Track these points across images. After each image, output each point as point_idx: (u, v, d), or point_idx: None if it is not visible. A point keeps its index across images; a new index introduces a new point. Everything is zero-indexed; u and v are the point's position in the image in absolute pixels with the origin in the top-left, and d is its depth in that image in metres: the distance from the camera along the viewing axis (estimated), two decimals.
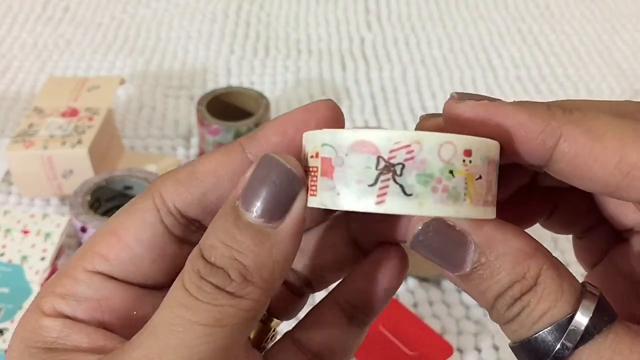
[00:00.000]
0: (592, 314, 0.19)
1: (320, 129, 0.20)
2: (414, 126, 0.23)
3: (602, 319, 0.19)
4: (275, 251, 0.19)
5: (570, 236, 0.28)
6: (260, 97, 0.68)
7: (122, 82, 0.70)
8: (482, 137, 0.20)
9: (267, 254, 0.19)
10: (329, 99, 0.22)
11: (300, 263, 0.24)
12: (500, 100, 0.21)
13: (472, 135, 0.19)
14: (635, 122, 0.20)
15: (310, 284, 0.25)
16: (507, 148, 0.20)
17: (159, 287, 0.22)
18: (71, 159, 0.60)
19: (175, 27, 0.93)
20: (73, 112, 0.64)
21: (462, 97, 0.21)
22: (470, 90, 0.80)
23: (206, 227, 0.20)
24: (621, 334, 0.19)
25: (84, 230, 0.54)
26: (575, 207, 0.26)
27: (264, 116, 0.66)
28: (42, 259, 0.52)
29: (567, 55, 0.88)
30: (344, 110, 0.77)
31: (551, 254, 0.21)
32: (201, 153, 0.68)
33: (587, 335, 0.19)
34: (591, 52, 0.89)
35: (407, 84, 0.82)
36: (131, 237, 0.21)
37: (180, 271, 0.20)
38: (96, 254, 0.21)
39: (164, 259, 0.22)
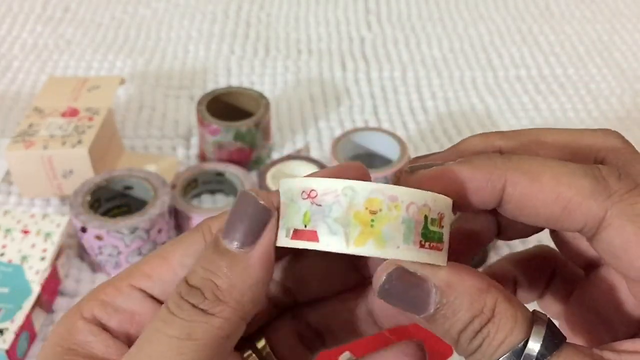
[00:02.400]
0: (543, 338, 0.21)
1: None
2: (414, 126, 0.24)
3: (553, 342, 0.21)
4: (247, 274, 0.22)
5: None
6: (260, 97, 0.68)
7: (122, 82, 0.70)
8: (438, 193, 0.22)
9: (239, 276, 0.22)
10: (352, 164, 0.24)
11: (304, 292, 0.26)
12: (449, 161, 0.23)
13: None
14: (566, 163, 0.23)
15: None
16: (463, 200, 0.23)
17: None
18: (71, 159, 0.60)
19: (176, 27, 0.93)
20: (73, 112, 0.64)
21: (414, 168, 0.23)
22: (470, 91, 0.81)
23: None
24: (571, 354, 0.22)
25: (84, 230, 0.54)
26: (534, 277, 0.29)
27: (264, 116, 0.66)
28: (42, 258, 0.53)
29: (567, 55, 0.88)
30: (345, 110, 0.77)
31: (503, 287, 0.23)
32: (201, 153, 0.68)
33: (541, 357, 0.21)
34: (591, 52, 0.89)
35: (407, 84, 0.82)
36: (176, 261, 0.24)
37: None
38: (142, 272, 0.24)
39: None
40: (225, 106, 0.68)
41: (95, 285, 0.56)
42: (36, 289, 0.51)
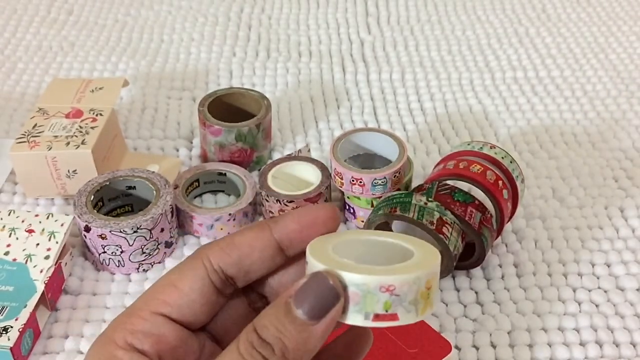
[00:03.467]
0: None
1: (325, 225, 0.30)
2: (412, 127, 0.28)
3: None
4: (310, 342, 0.26)
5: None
6: (261, 99, 0.69)
7: (126, 83, 0.70)
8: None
9: (304, 342, 0.26)
10: (332, 205, 0.30)
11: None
12: None
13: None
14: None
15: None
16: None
17: (201, 327, 0.30)
18: (75, 159, 0.60)
19: (178, 29, 0.93)
20: (77, 113, 0.64)
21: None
22: (468, 92, 0.82)
23: (237, 285, 0.30)
24: None
25: (87, 229, 0.55)
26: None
27: (265, 117, 0.66)
28: (46, 257, 0.53)
29: (564, 57, 0.89)
30: (344, 111, 0.78)
31: None
32: (203, 153, 0.69)
33: None
34: (587, 54, 0.89)
35: (406, 85, 0.83)
36: (187, 288, 0.28)
37: (215, 315, 0.30)
38: (160, 300, 0.28)
39: (208, 305, 0.29)
40: (226, 107, 0.69)
41: (98, 282, 0.57)
42: (40, 287, 0.51)
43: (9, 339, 0.47)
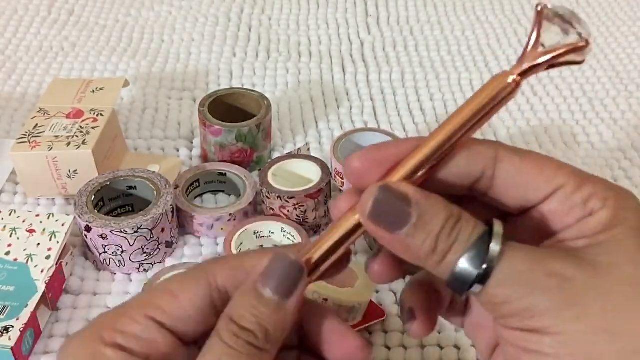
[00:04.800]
0: (502, 225, 0.27)
1: None
2: (412, 127, 0.31)
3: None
4: (286, 319, 0.27)
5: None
6: (261, 99, 0.69)
7: (127, 84, 0.70)
8: None
9: (281, 322, 0.27)
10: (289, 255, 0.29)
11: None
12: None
13: None
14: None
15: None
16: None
17: (191, 342, 0.29)
18: (76, 160, 0.61)
19: (178, 30, 0.94)
20: (78, 114, 0.64)
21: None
22: (468, 92, 0.82)
23: None
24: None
25: (88, 229, 0.55)
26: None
27: (265, 117, 0.67)
28: (47, 257, 0.53)
29: None
30: (344, 111, 0.78)
31: None
32: (204, 154, 0.69)
33: (505, 234, 0.26)
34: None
35: (406, 85, 0.83)
36: (187, 300, 0.28)
37: (207, 334, 0.28)
38: (155, 305, 0.28)
39: (203, 322, 0.29)
40: (227, 107, 0.69)
41: (99, 282, 0.57)
42: (41, 287, 0.51)
43: (10, 339, 0.47)
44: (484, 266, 0.26)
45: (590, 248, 0.27)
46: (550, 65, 0.27)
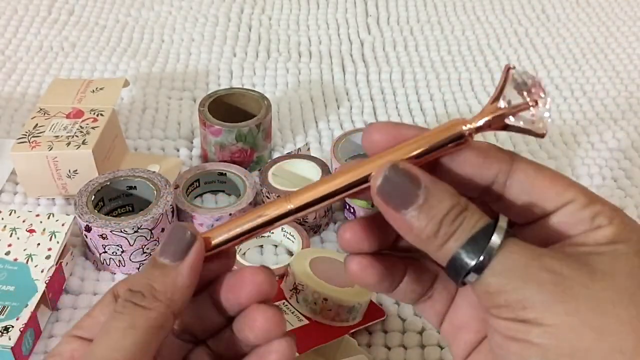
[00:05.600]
0: (507, 221, 0.28)
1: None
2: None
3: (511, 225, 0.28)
4: (177, 280, 0.29)
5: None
6: (261, 99, 0.69)
7: (127, 84, 0.70)
8: None
9: (171, 281, 0.29)
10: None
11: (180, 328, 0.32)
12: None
13: None
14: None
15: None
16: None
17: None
18: (76, 160, 0.61)
19: (178, 30, 0.94)
20: (78, 113, 0.64)
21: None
22: (468, 92, 0.82)
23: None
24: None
25: (88, 229, 0.55)
26: (418, 276, 0.33)
27: (265, 117, 0.67)
28: (47, 257, 0.53)
29: (563, 57, 0.89)
30: (344, 111, 0.78)
31: None
32: (204, 153, 0.69)
33: (509, 229, 0.27)
34: (586, 55, 0.90)
35: (406, 85, 0.83)
36: (96, 313, 0.31)
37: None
38: (78, 326, 0.31)
39: None
40: (227, 107, 0.69)
41: (99, 282, 0.57)
42: (41, 287, 0.51)
43: (10, 339, 0.47)
44: (482, 256, 0.26)
45: (591, 256, 0.27)
46: (506, 126, 0.29)
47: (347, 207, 0.63)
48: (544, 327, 0.26)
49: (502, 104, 0.28)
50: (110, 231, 0.54)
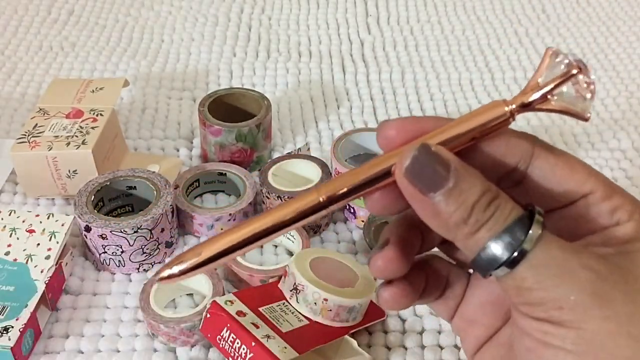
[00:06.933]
0: (541, 212, 0.26)
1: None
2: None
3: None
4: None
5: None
6: (261, 99, 0.69)
7: (126, 84, 0.70)
8: None
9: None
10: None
11: None
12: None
13: None
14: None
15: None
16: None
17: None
18: (75, 160, 0.61)
19: (178, 29, 0.94)
20: (77, 113, 0.64)
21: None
22: (468, 92, 0.82)
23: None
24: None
25: (88, 229, 0.55)
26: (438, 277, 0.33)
27: (265, 117, 0.67)
28: (47, 257, 0.53)
29: None
30: (344, 111, 0.78)
31: None
32: (203, 154, 0.69)
33: (544, 222, 0.26)
34: (587, 54, 0.90)
35: (406, 85, 0.83)
36: None
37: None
38: None
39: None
40: (227, 107, 0.69)
41: (99, 282, 0.57)
42: (41, 287, 0.51)
43: (9, 339, 0.47)
44: (519, 249, 0.25)
45: (618, 256, 0.26)
46: (551, 109, 0.27)
47: (347, 206, 0.63)
48: (579, 332, 0.24)
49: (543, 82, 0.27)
50: (110, 231, 0.54)
